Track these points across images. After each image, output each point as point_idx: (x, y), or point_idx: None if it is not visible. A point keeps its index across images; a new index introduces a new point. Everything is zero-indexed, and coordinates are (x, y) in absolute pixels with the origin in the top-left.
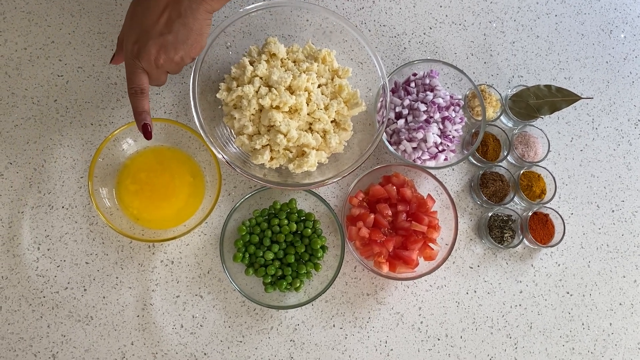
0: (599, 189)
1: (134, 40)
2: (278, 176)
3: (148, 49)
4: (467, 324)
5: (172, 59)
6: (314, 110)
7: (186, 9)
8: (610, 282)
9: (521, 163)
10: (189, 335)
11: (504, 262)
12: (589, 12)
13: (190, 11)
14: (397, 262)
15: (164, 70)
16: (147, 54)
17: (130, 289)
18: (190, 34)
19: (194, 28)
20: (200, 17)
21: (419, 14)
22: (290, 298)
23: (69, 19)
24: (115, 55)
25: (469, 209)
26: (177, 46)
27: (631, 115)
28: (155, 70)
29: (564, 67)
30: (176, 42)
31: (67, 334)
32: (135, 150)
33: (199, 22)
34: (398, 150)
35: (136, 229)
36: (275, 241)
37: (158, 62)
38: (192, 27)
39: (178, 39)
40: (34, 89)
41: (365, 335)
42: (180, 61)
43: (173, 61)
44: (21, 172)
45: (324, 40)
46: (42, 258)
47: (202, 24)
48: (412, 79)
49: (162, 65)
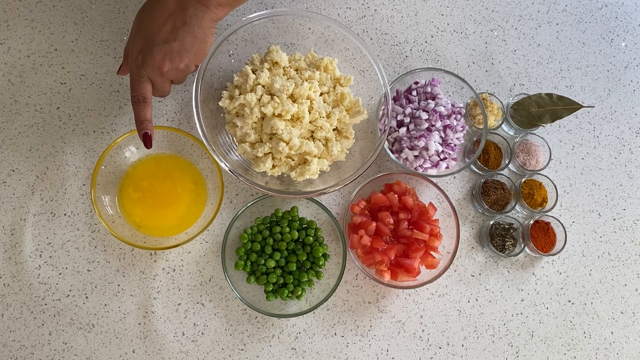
0: (600, 197)
1: (139, 48)
2: (280, 184)
3: (153, 56)
4: (469, 332)
5: (176, 67)
6: (316, 118)
7: (191, 17)
8: (611, 291)
9: (522, 171)
10: (190, 343)
11: (505, 270)
12: (590, 20)
13: (195, 19)
14: (398, 270)
15: (168, 79)
16: (152, 60)
17: (131, 296)
18: (195, 41)
19: (199, 36)
20: (205, 25)
21: (420, 23)
22: (292, 306)
23: (72, 27)
24: (121, 66)
25: (471, 217)
26: (182, 54)
27: (632, 124)
28: (159, 79)
29: (565, 76)
30: (181, 49)
31: (69, 342)
32: (137, 158)
33: (203, 30)
34: (400, 159)
35: (138, 236)
36: (276, 249)
37: (162, 70)
38: (197, 35)
39: (183, 46)
40: (37, 97)
41: (367, 344)
42: (185, 69)
43: (177, 69)
44: (24, 179)
45: (326, 49)
46: (44, 265)
47: (207, 32)
48: (413, 87)
49: (166, 73)
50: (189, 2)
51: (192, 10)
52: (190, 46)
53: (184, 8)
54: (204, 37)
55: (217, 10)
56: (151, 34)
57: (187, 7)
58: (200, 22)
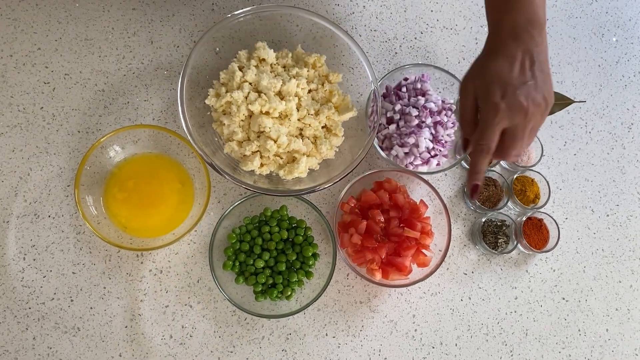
0: (594, 193)
1: (500, 95)
2: (268, 183)
3: (517, 98)
4: (462, 331)
5: (537, 105)
6: (304, 115)
7: (538, 54)
8: (606, 288)
9: (514, 168)
10: (178, 346)
11: (498, 268)
12: (580, 16)
13: (539, 54)
14: (390, 269)
15: (530, 123)
16: (516, 102)
17: (118, 299)
18: (547, 78)
19: (546, 71)
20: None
21: (409, 19)
22: (282, 307)
23: (55, 26)
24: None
25: (462, 214)
26: (538, 91)
27: (624, 119)
28: (522, 121)
29: (556, 71)
30: (536, 87)
31: (54, 346)
32: (122, 158)
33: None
34: (390, 156)
35: (124, 237)
36: (265, 249)
37: (528, 111)
38: (544, 70)
39: (537, 84)
40: (20, 96)
41: (359, 344)
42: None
43: (539, 108)
44: (6, 180)
45: (314, 46)
46: (28, 268)
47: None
48: (403, 84)
49: (531, 115)
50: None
51: (531, 44)
52: (542, 83)
53: (527, 48)
54: (549, 72)
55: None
56: (507, 79)
57: (529, 47)
58: (546, 55)
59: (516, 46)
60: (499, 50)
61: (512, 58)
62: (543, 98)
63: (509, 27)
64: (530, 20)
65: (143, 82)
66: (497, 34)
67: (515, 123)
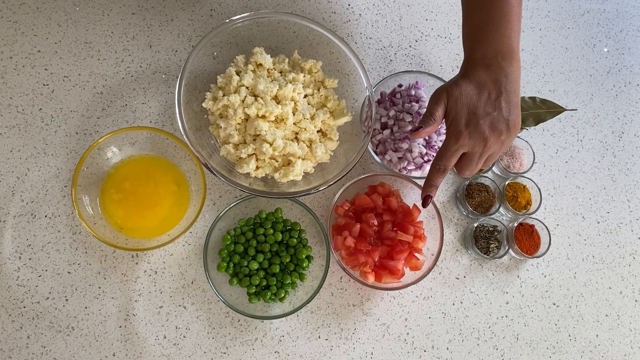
0: (584, 201)
1: (465, 122)
2: (264, 185)
3: (479, 128)
4: (454, 335)
5: (497, 137)
6: (300, 119)
7: (507, 84)
8: (596, 293)
9: (506, 174)
10: (172, 346)
11: (490, 272)
12: (572, 26)
13: (511, 85)
14: (382, 272)
15: (486, 154)
16: (478, 132)
17: (113, 299)
18: (513, 108)
19: (513, 101)
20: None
21: (405, 27)
22: (275, 309)
23: (55, 29)
24: (420, 127)
25: (455, 219)
26: (502, 123)
27: (615, 128)
28: (480, 149)
29: (548, 80)
30: (501, 118)
31: (48, 345)
32: (119, 159)
33: (517, 93)
34: (384, 160)
35: (120, 238)
36: (260, 251)
37: (488, 141)
38: (511, 101)
39: (502, 115)
40: (19, 98)
41: (351, 347)
42: (503, 143)
43: (499, 140)
44: (4, 180)
45: (310, 52)
46: (24, 267)
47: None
48: (397, 90)
49: (490, 146)
50: (497, 71)
51: (501, 74)
52: (507, 114)
53: (496, 78)
54: (517, 102)
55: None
56: (473, 108)
57: (498, 78)
58: (515, 85)
59: (486, 75)
60: (471, 76)
61: (482, 87)
62: (506, 128)
63: (480, 57)
64: (500, 51)
65: (141, 85)
66: (470, 62)
67: (474, 151)
